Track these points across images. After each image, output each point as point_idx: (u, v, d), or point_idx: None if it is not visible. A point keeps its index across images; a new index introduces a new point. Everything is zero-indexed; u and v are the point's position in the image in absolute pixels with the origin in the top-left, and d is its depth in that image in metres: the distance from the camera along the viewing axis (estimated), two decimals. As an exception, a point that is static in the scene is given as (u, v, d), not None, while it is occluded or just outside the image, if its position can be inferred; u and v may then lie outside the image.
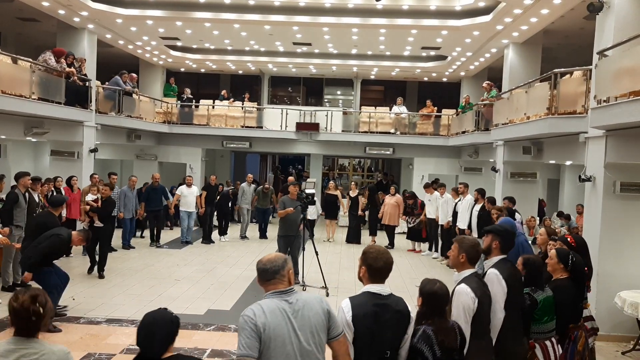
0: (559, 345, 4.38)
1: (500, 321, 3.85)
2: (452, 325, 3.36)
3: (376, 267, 3.18)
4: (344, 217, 16.37)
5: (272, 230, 15.65)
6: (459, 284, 3.70)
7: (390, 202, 14.44)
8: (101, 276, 9.61)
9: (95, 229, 9.68)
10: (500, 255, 4.16)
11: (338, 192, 15.22)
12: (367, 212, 15.40)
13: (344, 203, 15.06)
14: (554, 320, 4.34)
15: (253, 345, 2.80)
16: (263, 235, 15.23)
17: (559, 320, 4.37)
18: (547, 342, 4.29)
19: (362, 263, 3.25)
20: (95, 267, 9.93)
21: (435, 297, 3.32)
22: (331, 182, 16.45)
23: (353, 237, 15.04)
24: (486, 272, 4.06)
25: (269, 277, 2.98)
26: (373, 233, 14.98)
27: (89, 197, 10.21)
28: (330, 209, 14.97)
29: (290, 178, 16.18)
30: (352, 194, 15.19)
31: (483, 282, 3.87)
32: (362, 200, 15.21)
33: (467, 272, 3.77)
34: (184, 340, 6.57)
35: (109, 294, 8.61)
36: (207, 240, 13.96)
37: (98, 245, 9.84)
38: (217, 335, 6.91)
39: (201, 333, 6.95)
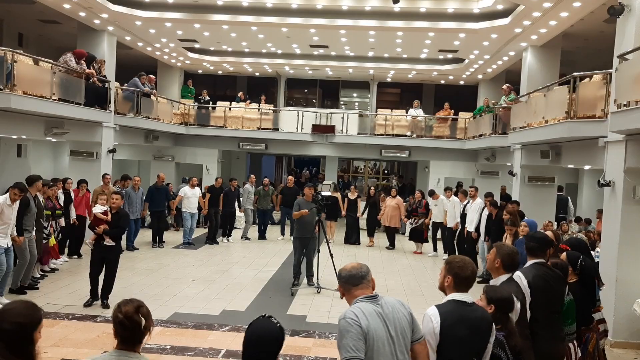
0: (578, 348, 4.47)
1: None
2: (515, 328, 3.49)
3: (463, 276, 3.24)
4: (342, 219, 16.39)
5: (271, 232, 15.76)
6: None
7: (391, 203, 14.56)
8: (105, 305, 7.87)
9: (104, 248, 7.81)
10: (533, 259, 4.21)
11: (338, 194, 15.28)
12: (365, 214, 15.51)
13: (342, 205, 15.17)
14: (575, 323, 4.41)
15: (361, 347, 2.81)
16: (262, 236, 15.20)
17: None
18: (570, 345, 4.37)
19: (447, 273, 3.30)
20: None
21: (507, 302, 3.46)
22: (331, 182, 16.51)
23: (351, 238, 15.14)
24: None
25: (357, 282, 3.05)
26: (371, 234, 15.09)
27: (97, 209, 7.93)
28: (330, 211, 14.98)
29: (290, 178, 16.08)
30: (352, 196, 15.24)
31: (519, 285, 3.92)
32: (360, 202, 15.40)
33: (503, 277, 3.86)
34: (199, 340, 6.62)
35: (126, 294, 8.66)
36: (212, 241, 13.99)
37: (104, 268, 7.96)
38: (232, 335, 6.94)
39: (216, 333, 6.99)
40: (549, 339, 3.97)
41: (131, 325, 2.57)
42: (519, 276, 3.99)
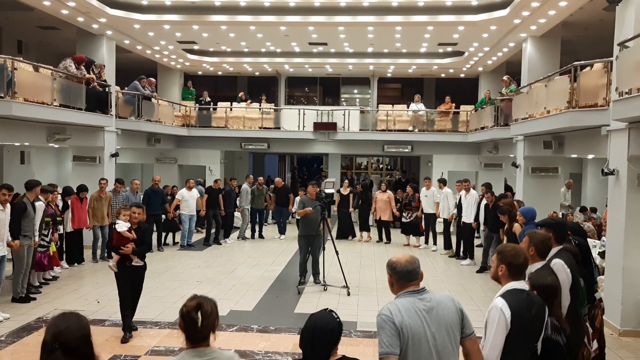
0: (589, 327, 4.66)
1: (566, 308, 4.00)
2: (562, 313, 3.60)
3: (517, 264, 3.29)
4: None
5: (267, 231, 15.74)
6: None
7: (382, 198, 14.69)
8: (130, 333, 6.86)
9: (132, 269, 6.82)
10: (557, 245, 4.35)
11: (333, 190, 15.30)
12: (357, 209, 15.55)
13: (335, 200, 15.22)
14: (586, 304, 4.56)
15: (395, 342, 2.83)
16: (258, 235, 15.16)
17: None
18: (585, 325, 4.56)
19: (499, 262, 3.35)
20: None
21: (550, 289, 3.54)
22: (326, 179, 16.53)
23: (343, 233, 15.14)
24: (549, 260, 4.20)
25: (413, 278, 3.03)
26: (365, 229, 15.18)
27: (122, 227, 6.81)
28: None
29: (278, 180, 15.99)
30: (344, 191, 15.27)
31: (554, 272, 4.01)
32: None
33: (538, 264, 3.94)
34: (207, 341, 6.62)
35: (133, 297, 8.71)
36: (209, 242, 13.95)
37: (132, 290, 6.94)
38: (239, 335, 6.96)
39: (224, 334, 6.99)
40: (573, 322, 4.07)
41: (190, 321, 2.59)
42: (561, 264, 4.10)
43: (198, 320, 2.58)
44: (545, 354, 3.33)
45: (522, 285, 3.29)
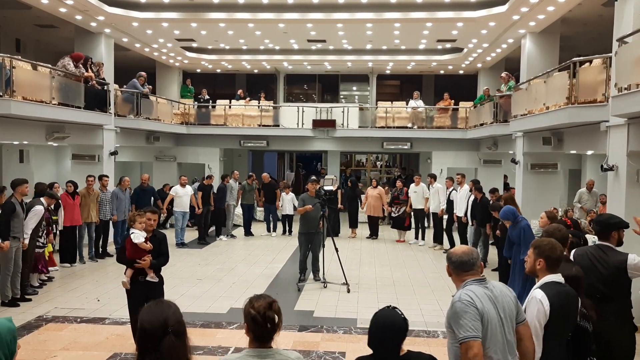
0: None
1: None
2: (587, 301, 3.69)
3: (555, 257, 3.39)
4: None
5: (255, 228, 15.61)
6: None
7: (373, 194, 14.74)
8: None
9: (147, 285, 5.90)
10: (600, 241, 4.48)
11: (332, 187, 15.35)
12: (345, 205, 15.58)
13: None
14: None
15: (479, 327, 2.88)
16: (248, 232, 15.07)
17: None
18: None
19: (537, 256, 3.44)
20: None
21: (575, 279, 3.60)
22: (313, 177, 16.56)
23: (332, 230, 15.05)
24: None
25: (469, 268, 3.11)
26: (353, 225, 15.25)
27: (139, 238, 5.77)
28: None
29: (265, 175, 15.84)
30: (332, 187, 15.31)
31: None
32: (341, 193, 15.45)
33: None
34: (207, 339, 6.64)
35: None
36: (203, 240, 13.85)
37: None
38: (240, 333, 6.95)
39: (224, 331, 7.01)
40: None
41: (264, 321, 2.56)
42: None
43: (276, 318, 2.57)
44: (574, 340, 3.45)
45: (559, 277, 3.38)
